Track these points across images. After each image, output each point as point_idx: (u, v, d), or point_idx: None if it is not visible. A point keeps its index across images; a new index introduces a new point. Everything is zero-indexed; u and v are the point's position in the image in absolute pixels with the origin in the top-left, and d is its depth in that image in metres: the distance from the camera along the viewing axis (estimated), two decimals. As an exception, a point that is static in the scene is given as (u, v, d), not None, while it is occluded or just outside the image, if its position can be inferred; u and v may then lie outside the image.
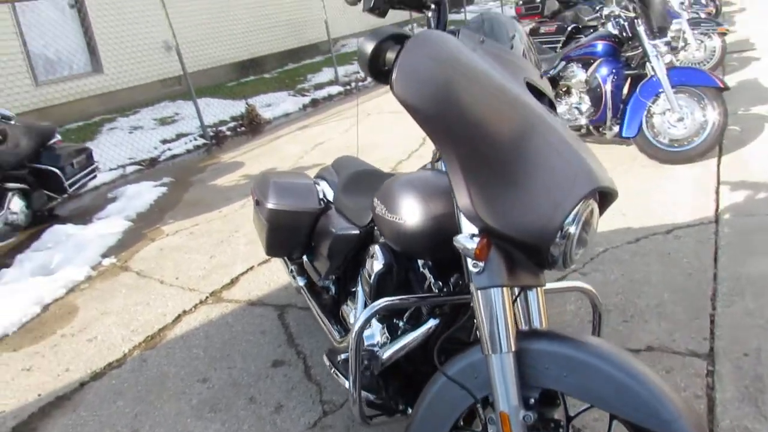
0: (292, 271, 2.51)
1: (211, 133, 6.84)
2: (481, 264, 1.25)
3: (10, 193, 3.95)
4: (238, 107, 7.69)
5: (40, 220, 4.32)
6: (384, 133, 5.90)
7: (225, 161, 5.87)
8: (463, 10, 15.49)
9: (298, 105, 8.14)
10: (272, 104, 8.09)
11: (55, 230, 4.09)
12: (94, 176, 4.85)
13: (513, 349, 1.24)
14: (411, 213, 1.46)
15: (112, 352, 2.65)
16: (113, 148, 6.21)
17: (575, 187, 1.18)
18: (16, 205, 3.98)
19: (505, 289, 1.25)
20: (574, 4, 7.70)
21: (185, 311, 2.93)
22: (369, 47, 1.15)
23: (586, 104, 4.35)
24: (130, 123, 7.30)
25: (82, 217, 4.53)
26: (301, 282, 2.43)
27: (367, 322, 1.45)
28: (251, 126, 7.20)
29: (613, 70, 4.17)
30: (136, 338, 2.74)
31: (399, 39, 1.16)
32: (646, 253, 2.90)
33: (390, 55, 1.16)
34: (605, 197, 1.33)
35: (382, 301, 1.45)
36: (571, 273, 2.80)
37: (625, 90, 4.34)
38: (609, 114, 4.17)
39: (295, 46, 11.08)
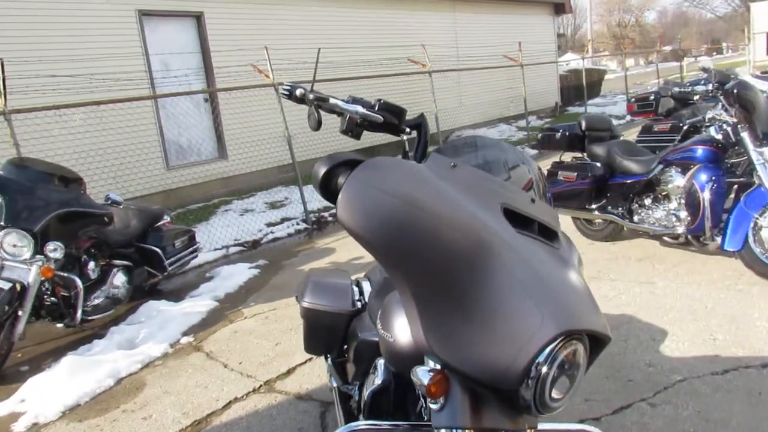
0: (329, 370, 2.50)
1: (313, 218, 7.16)
2: (441, 401, 1.18)
3: (115, 269, 4.35)
4: (343, 195, 8.02)
5: (140, 295, 4.69)
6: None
7: (319, 246, 6.09)
8: (584, 104, 15.35)
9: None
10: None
11: (149, 306, 4.41)
12: (195, 256, 5.23)
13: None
14: (400, 331, 1.41)
15: (159, 434, 2.74)
16: (223, 229, 6.67)
17: (542, 328, 1.09)
18: (118, 280, 4.36)
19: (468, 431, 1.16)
20: (692, 103, 7.34)
21: (236, 398, 2.99)
22: (321, 171, 1.17)
23: (683, 212, 4.04)
24: (243, 205, 7.86)
25: (177, 294, 4.86)
26: (333, 383, 2.41)
27: None
28: (352, 214, 7.44)
29: (713, 177, 3.86)
30: (185, 421, 2.82)
31: (353, 164, 1.17)
32: (732, 389, 2.55)
33: (341, 180, 1.17)
34: (598, 339, 1.21)
35: (358, 424, 1.39)
36: (637, 402, 2.52)
37: (731, 198, 4.00)
38: (707, 224, 3.83)
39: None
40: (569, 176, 4.79)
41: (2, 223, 3.50)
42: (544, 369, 1.08)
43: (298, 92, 1.29)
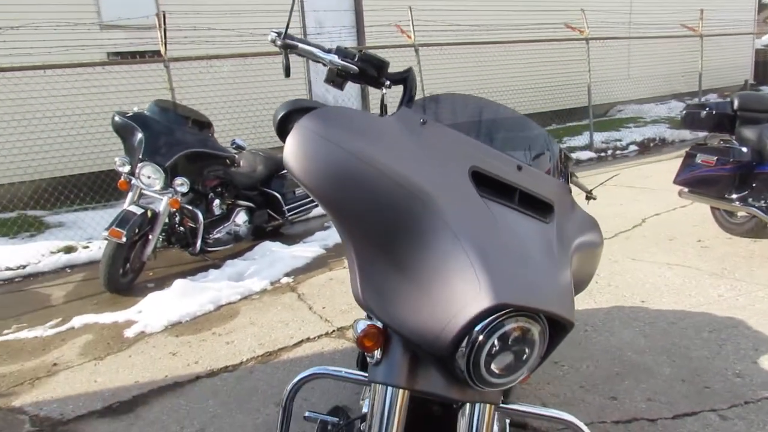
0: None
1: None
2: (377, 355, 1.19)
3: (238, 209, 4.76)
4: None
5: (261, 235, 5.09)
6: (615, 206, 5.48)
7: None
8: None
9: (538, 167, 8.02)
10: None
11: (264, 246, 4.77)
12: (316, 205, 5.53)
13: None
14: None
15: (234, 357, 3.02)
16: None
17: (477, 298, 1.05)
18: (240, 218, 4.77)
19: (402, 391, 1.16)
20: None
21: (308, 338, 3.18)
22: (279, 114, 1.21)
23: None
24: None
25: (293, 238, 5.19)
26: None
27: (296, 385, 1.44)
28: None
29: None
30: (258, 351, 3.07)
31: (309, 111, 1.18)
32: (832, 417, 2.19)
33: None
34: (560, 324, 1.14)
35: (313, 369, 1.44)
36: (706, 412, 2.27)
37: None
38: None
39: (568, 106, 10.93)
40: (708, 160, 4.28)
41: (141, 157, 3.99)
42: (480, 338, 1.05)
43: (269, 38, 1.33)
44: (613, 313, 3.22)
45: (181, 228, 4.38)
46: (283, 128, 1.24)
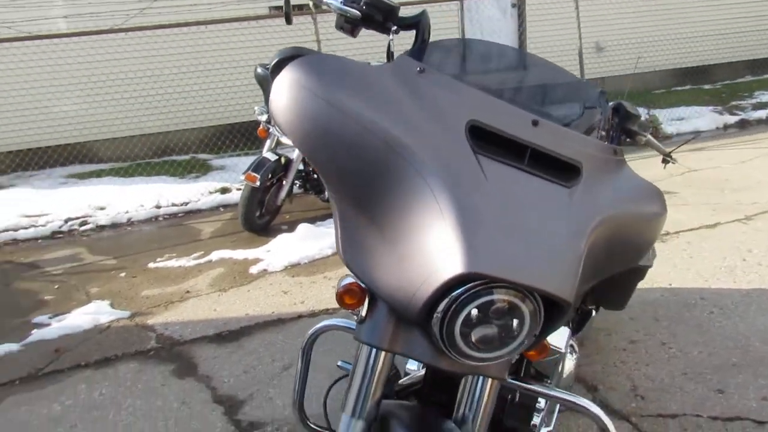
0: None
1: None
2: (361, 313, 1.17)
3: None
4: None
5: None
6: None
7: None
8: None
9: (717, 123, 7.07)
10: (686, 118, 7.24)
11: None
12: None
13: (363, 417, 1.14)
14: None
15: (335, 302, 3.15)
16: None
17: (449, 264, 0.98)
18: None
19: (384, 353, 1.14)
20: None
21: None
22: (273, 60, 1.19)
23: None
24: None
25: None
26: None
27: (314, 335, 1.47)
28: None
29: None
30: (360, 298, 3.17)
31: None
32: None
33: None
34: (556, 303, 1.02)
35: (333, 321, 1.45)
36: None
37: None
38: None
39: (764, 55, 9.45)
40: None
41: (276, 107, 4.22)
42: (454, 306, 0.98)
43: None
44: (752, 296, 2.79)
45: (315, 175, 4.60)
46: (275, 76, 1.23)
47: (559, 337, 1.61)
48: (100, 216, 5.11)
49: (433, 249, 0.98)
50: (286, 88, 1.09)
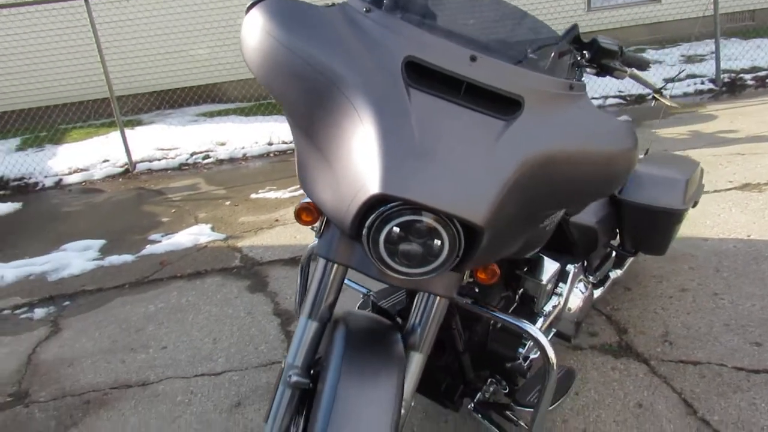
0: None
1: (727, 79, 6.04)
2: (316, 229, 1.32)
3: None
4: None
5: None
6: None
7: (705, 113, 5.27)
8: None
9: None
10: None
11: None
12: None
13: (317, 319, 1.31)
14: None
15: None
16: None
17: (367, 185, 1.11)
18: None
19: (337, 266, 1.29)
20: None
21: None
22: (247, 5, 1.31)
23: None
24: (656, 56, 7.12)
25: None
26: None
27: (309, 254, 1.64)
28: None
29: None
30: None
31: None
32: None
33: None
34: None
35: None
36: None
37: None
38: None
39: None
40: None
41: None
42: (376, 224, 1.10)
43: None
44: (840, 251, 2.54)
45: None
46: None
47: (545, 270, 1.66)
48: (220, 151, 5.66)
49: (359, 171, 1.10)
50: (250, 29, 1.24)
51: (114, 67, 6.00)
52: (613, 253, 2.20)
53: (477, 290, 1.55)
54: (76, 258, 3.55)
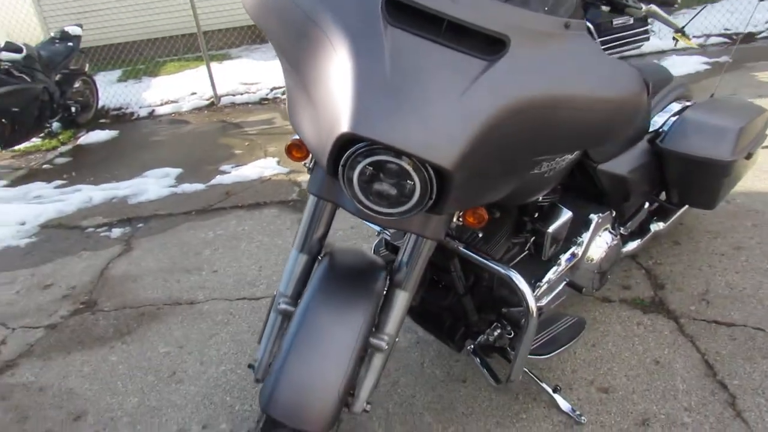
0: None
1: None
2: (307, 165, 1.37)
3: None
4: None
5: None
6: None
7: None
8: None
9: None
10: None
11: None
12: (646, 38, 4.88)
13: (307, 252, 1.38)
14: None
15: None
16: (719, 14, 5.70)
17: (338, 124, 1.13)
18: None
19: (327, 204, 1.34)
20: None
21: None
22: None
23: None
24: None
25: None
26: None
27: None
28: None
29: None
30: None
31: None
32: None
33: None
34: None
35: None
36: None
37: None
38: None
39: None
40: None
41: None
42: (349, 162, 1.13)
43: None
44: None
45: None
46: None
47: (553, 219, 1.62)
48: (298, 86, 5.77)
49: (334, 108, 1.11)
50: None
51: (204, 3, 6.20)
52: (652, 205, 2.08)
53: (480, 235, 1.55)
54: (154, 184, 3.84)
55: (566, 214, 1.61)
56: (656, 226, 2.10)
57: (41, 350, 2.22)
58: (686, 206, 2.15)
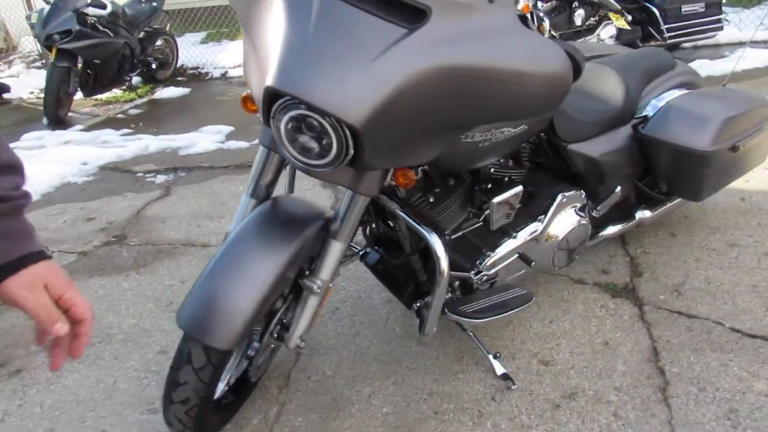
0: None
1: None
2: (259, 117, 1.50)
3: (605, 22, 4.50)
4: None
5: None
6: None
7: None
8: None
9: None
10: None
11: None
12: (720, 28, 4.64)
13: (256, 197, 1.55)
14: None
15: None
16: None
17: (266, 78, 1.26)
18: (606, 33, 4.52)
19: (273, 154, 1.49)
20: None
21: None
22: None
23: None
24: None
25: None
26: None
27: None
28: None
29: None
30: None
31: None
32: None
33: None
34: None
35: None
36: None
37: None
38: None
39: None
40: None
41: None
42: (276, 115, 1.25)
43: None
44: None
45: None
46: None
47: (499, 190, 1.66)
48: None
49: (266, 64, 1.24)
50: None
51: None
52: (624, 190, 2.03)
53: (432, 200, 1.62)
54: (205, 139, 4.12)
55: (516, 188, 1.66)
56: (641, 214, 2.09)
57: (68, 272, 2.53)
58: (678, 198, 2.12)
